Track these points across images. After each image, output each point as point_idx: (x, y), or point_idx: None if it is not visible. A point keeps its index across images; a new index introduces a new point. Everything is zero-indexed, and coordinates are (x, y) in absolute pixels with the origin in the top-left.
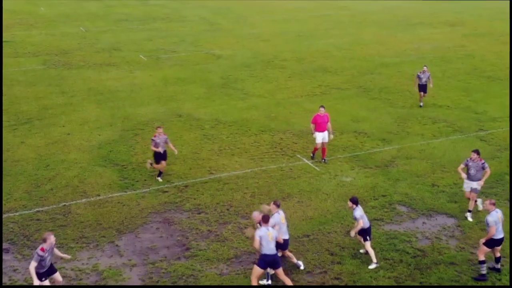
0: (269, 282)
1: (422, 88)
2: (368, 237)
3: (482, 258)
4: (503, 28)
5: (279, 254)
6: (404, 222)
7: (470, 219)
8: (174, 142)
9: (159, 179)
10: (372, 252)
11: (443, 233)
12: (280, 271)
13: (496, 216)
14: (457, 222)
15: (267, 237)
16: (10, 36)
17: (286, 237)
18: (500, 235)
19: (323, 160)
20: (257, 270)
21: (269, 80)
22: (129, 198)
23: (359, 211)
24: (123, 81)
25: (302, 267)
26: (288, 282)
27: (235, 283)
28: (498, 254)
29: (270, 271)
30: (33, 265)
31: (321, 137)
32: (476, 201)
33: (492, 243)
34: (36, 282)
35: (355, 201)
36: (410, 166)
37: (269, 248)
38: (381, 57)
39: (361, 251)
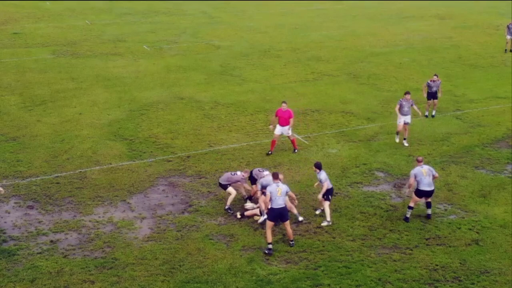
0: (265, 216)
1: (432, 95)
2: (329, 197)
3: (411, 204)
4: (490, 21)
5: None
6: (381, 184)
7: (406, 144)
8: (176, 121)
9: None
10: (328, 212)
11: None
12: (286, 223)
13: (418, 170)
14: None
15: (276, 192)
16: (19, 28)
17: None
18: (423, 187)
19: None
20: (267, 223)
21: (265, 68)
22: (137, 166)
23: (323, 174)
24: (128, 68)
25: (300, 219)
26: (290, 235)
27: (231, 231)
28: (412, 204)
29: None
30: None
31: (280, 130)
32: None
33: (417, 192)
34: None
35: (318, 166)
36: (390, 140)
37: (277, 203)
38: (371, 47)
39: (317, 212)
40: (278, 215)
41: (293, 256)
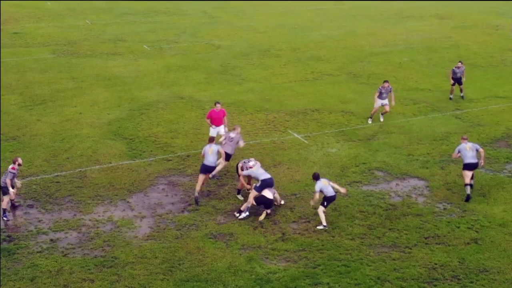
0: (247, 213)
1: (456, 80)
2: (325, 203)
3: (467, 181)
4: (489, 21)
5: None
6: (380, 183)
7: (370, 121)
8: (176, 120)
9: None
10: (322, 217)
11: (413, 192)
12: (207, 176)
13: (462, 146)
14: (427, 183)
15: (208, 151)
16: (20, 28)
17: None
18: (467, 160)
19: None
20: (199, 176)
21: (265, 67)
22: (137, 165)
23: (318, 184)
24: (129, 68)
25: (282, 202)
26: (198, 187)
27: (230, 230)
28: (467, 181)
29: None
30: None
31: (216, 131)
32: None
33: (464, 166)
34: None
35: (314, 177)
36: (389, 139)
37: (208, 161)
38: (371, 47)
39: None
40: (207, 169)
41: (292, 255)
